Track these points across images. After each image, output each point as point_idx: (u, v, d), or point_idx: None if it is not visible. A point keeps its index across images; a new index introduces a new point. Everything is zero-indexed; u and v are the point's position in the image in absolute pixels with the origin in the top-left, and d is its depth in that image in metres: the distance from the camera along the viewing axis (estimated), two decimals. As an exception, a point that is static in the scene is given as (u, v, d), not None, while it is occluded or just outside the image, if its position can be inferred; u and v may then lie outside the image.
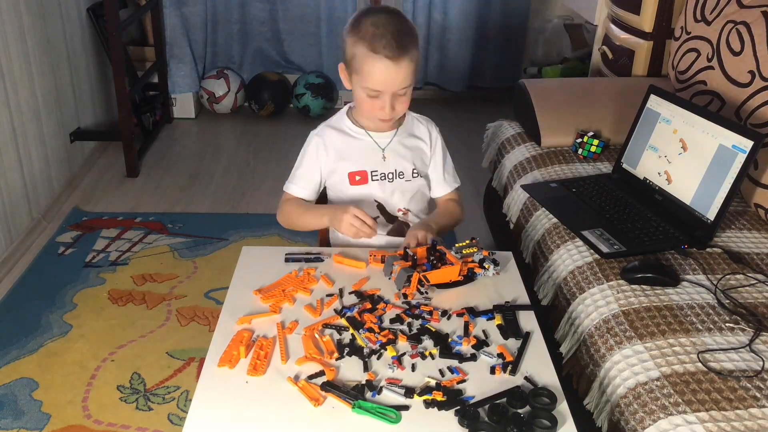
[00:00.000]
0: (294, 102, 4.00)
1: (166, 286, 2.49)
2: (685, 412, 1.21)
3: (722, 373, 1.29)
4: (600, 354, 1.42)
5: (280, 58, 4.14)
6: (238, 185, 3.29)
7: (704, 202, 1.73)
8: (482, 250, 1.51)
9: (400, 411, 1.12)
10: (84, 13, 3.32)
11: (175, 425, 1.90)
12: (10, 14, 2.60)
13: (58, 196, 3.02)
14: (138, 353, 2.16)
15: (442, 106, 4.10)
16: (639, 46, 2.63)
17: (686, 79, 2.28)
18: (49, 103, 2.94)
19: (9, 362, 2.11)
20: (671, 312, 1.46)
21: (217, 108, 4.01)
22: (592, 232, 1.75)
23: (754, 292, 1.54)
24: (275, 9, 4.01)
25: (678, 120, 1.85)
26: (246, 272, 1.50)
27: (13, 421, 1.90)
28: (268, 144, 3.74)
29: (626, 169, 2.01)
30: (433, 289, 1.43)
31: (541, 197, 1.97)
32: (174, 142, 3.75)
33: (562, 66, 3.88)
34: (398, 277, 1.42)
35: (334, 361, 1.24)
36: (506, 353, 1.26)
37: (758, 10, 2.02)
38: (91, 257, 2.65)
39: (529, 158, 2.22)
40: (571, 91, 2.50)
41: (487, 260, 1.48)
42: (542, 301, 1.74)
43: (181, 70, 3.91)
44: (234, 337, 1.29)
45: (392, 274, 1.44)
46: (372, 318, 1.34)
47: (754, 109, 1.94)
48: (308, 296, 1.42)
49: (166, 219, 2.94)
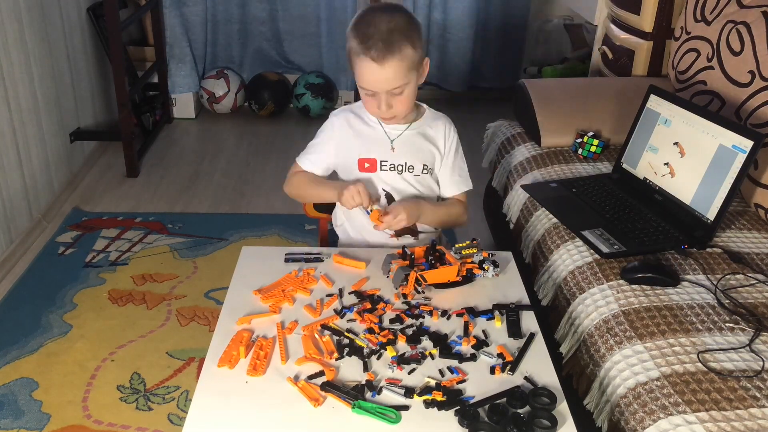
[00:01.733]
0: (294, 102, 4.00)
1: (166, 286, 2.49)
2: (685, 412, 1.21)
3: (722, 373, 1.29)
4: (600, 354, 1.41)
5: (280, 58, 4.14)
6: (238, 185, 3.29)
7: (704, 202, 1.73)
8: (482, 251, 1.50)
9: (400, 411, 1.12)
10: (84, 13, 3.32)
11: (175, 425, 1.90)
12: (10, 14, 2.60)
13: (58, 196, 3.02)
14: (138, 353, 2.16)
15: (442, 106, 4.07)
16: (639, 46, 2.62)
17: (686, 79, 2.28)
18: (49, 103, 2.94)
19: (9, 362, 2.11)
20: (671, 312, 1.46)
21: (217, 108, 4.01)
22: (592, 232, 1.75)
23: (754, 292, 1.53)
24: (275, 9, 4.01)
25: (678, 120, 1.85)
26: (246, 272, 1.50)
27: (13, 421, 1.90)
28: (268, 144, 3.74)
29: (626, 169, 2.01)
30: (431, 289, 1.43)
31: (541, 197, 1.97)
32: (174, 142, 3.75)
33: (562, 66, 3.88)
34: (396, 276, 1.42)
35: (334, 361, 1.24)
36: (506, 353, 1.26)
37: (758, 10, 2.02)
38: (91, 257, 2.65)
39: (529, 158, 2.22)
40: (571, 91, 2.50)
41: (487, 261, 1.48)
42: (542, 301, 1.74)
43: (181, 70, 3.91)
44: (234, 337, 1.29)
45: (390, 273, 1.44)
46: (372, 318, 1.34)
47: (754, 109, 1.93)
48: (308, 296, 1.42)
49: (166, 219, 2.94)
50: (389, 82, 1.51)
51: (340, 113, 1.70)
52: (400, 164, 1.65)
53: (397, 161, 1.65)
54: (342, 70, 4.08)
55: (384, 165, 1.64)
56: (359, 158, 1.64)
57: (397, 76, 1.50)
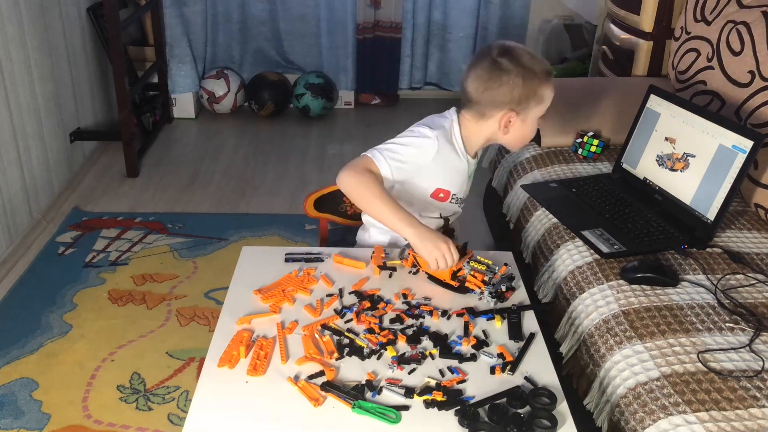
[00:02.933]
0: (294, 102, 4.00)
1: (166, 286, 2.49)
2: (685, 412, 1.21)
3: (722, 373, 1.29)
4: (600, 354, 1.42)
5: (280, 58, 4.14)
6: (238, 185, 3.29)
7: (704, 202, 1.73)
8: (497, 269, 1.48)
9: (400, 411, 1.12)
10: (84, 13, 3.32)
11: (175, 425, 1.90)
12: (10, 14, 2.60)
13: (58, 196, 3.02)
14: (138, 353, 2.16)
15: (442, 106, 4.09)
16: (639, 46, 2.63)
17: (686, 79, 2.28)
18: (49, 103, 2.94)
19: (9, 362, 2.11)
20: (671, 312, 1.46)
21: (217, 108, 4.01)
22: (592, 232, 1.75)
23: (754, 292, 1.54)
24: (275, 9, 4.01)
25: (678, 120, 1.85)
26: (246, 272, 1.50)
27: (13, 421, 1.90)
28: (268, 144, 3.73)
29: (626, 169, 2.01)
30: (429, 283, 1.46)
31: (541, 197, 1.97)
32: (174, 142, 3.75)
33: (562, 66, 3.88)
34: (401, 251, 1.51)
35: (334, 361, 1.24)
36: (506, 353, 1.26)
37: (758, 10, 2.02)
38: (91, 257, 2.65)
39: (529, 158, 2.22)
40: (571, 91, 2.50)
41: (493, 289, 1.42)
42: (542, 301, 1.74)
43: (181, 70, 3.91)
44: (234, 337, 1.29)
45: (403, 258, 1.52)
46: (372, 319, 1.34)
47: (754, 109, 1.94)
48: (308, 296, 1.42)
49: (166, 219, 2.94)
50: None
51: (441, 141, 1.57)
52: (462, 197, 1.70)
53: (463, 194, 1.70)
54: (342, 70, 4.08)
55: (454, 198, 1.67)
56: (438, 187, 1.63)
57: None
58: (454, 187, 1.65)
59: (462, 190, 1.69)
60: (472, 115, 1.59)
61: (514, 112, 1.55)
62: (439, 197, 1.64)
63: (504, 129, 1.58)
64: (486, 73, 1.54)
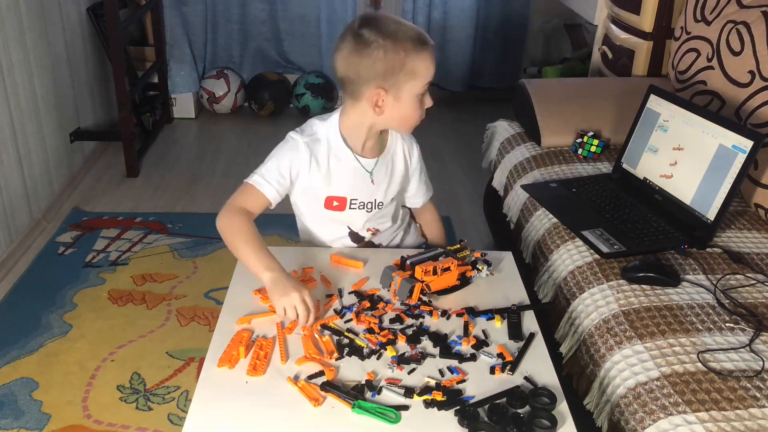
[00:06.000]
0: (294, 102, 4.00)
1: (166, 286, 2.49)
2: (685, 412, 1.21)
3: (722, 373, 1.29)
4: (600, 354, 1.41)
5: (280, 58, 4.14)
6: (238, 185, 3.26)
7: (704, 202, 1.73)
8: (474, 252, 1.51)
9: (400, 411, 1.12)
10: (84, 13, 3.32)
11: (175, 425, 1.90)
12: (10, 14, 2.60)
13: (58, 196, 3.02)
14: (138, 353, 2.16)
15: (442, 106, 4.10)
16: (639, 46, 2.62)
17: (686, 79, 2.28)
18: (48, 103, 2.94)
19: (9, 362, 2.11)
20: (671, 312, 1.46)
21: (217, 108, 4.01)
22: (592, 232, 1.75)
23: (754, 292, 1.53)
24: (275, 9, 4.01)
25: (677, 120, 1.85)
26: (246, 272, 1.49)
27: (13, 421, 1.90)
28: (268, 144, 3.67)
29: (626, 169, 2.01)
30: (436, 297, 1.42)
31: (541, 197, 1.97)
32: (174, 142, 3.75)
33: (562, 66, 3.88)
34: (401, 289, 1.39)
35: (334, 361, 1.24)
36: (506, 353, 1.26)
37: (758, 10, 2.02)
38: (91, 257, 2.65)
39: (529, 158, 2.22)
40: (571, 91, 2.50)
41: (480, 261, 1.48)
42: (542, 301, 1.74)
43: (181, 70, 3.91)
44: (234, 337, 1.29)
45: (391, 286, 1.42)
46: (372, 318, 1.34)
47: (754, 109, 1.94)
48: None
49: (166, 219, 2.94)
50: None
51: (311, 143, 1.48)
52: (370, 202, 1.54)
53: (368, 198, 1.53)
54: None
55: (354, 204, 1.52)
56: (327, 196, 1.51)
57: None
58: (350, 192, 1.51)
59: (367, 193, 1.52)
60: (349, 102, 1.46)
61: (382, 89, 1.38)
62: (334, 206, 1.52)
63: (377, 110, 1.41)
64: (348, 48, 1.38)
